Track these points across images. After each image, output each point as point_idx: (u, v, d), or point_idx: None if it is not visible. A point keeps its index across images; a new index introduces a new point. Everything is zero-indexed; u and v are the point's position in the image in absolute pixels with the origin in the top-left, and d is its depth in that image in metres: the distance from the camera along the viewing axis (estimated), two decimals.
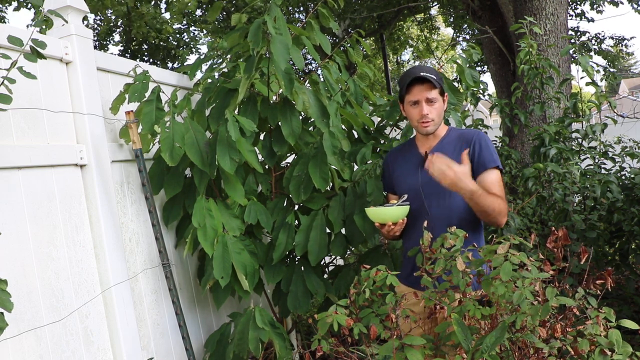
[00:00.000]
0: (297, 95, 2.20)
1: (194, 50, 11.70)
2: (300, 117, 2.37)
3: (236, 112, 2.29)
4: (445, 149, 1.91)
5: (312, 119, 2.34)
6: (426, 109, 1.88)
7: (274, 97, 2.40)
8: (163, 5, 10.71)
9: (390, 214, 1.83)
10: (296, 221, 2.37)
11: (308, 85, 2.45)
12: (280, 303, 2.46)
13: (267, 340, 2.10)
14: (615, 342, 1.24)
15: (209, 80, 2.46)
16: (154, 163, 2.27)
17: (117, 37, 12.15)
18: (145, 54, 11.60)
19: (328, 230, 2.35)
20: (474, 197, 1.76)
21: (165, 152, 2.01)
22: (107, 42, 11.93)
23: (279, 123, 2.29)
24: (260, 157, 2.39)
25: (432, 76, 1.88)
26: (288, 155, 2.56)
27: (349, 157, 2.42)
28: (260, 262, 2.34)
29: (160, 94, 2.11)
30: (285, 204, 2.46)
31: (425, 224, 1.71)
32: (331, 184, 2.40)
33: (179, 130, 2.04)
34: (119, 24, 11.67)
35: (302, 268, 2.38)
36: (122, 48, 11.87)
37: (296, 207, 2.48)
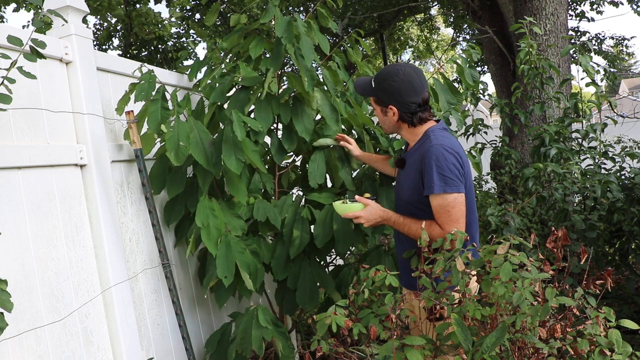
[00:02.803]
0: (313, 93, 2.24)
1: (191, 54, 11.71)
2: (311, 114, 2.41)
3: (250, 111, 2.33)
4: (413, 155, 1.88)
5: (319, 117, 2.37)
6: None
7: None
8: (161, 6, 10.75)
9: (341, 209, 1.90)
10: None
11: None
12: (285, 301, 2.46)
13: (270, 339, 2.10)
14: (615, 342, 1.24)
15: (209, 81, 2.46)
16: (155, 163, 2.27)
17: (116, 42, 12.17)
18: (144, 58, 11.61)
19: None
20: (392, 226, 1.87)
21: (171, 152, 2.01)
22: (107, 47, 11.94)
23: (290, 120, 2.31)
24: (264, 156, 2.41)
25: (359, 87, 1.97)
26: (291, 154, 2.57)
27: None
28: (265, 261, 2.34)
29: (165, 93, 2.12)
30: (294, 201, 2.46)
31: (423, 224, 1.73)
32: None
33: (183, 129, 2.04)
34: (118, 27, 11.68)
35: (309, 264, 2.39)
36: (120, 52, 11.88)
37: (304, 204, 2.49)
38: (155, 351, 2.19)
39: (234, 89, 2.42)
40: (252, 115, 2.38)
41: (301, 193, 2.54)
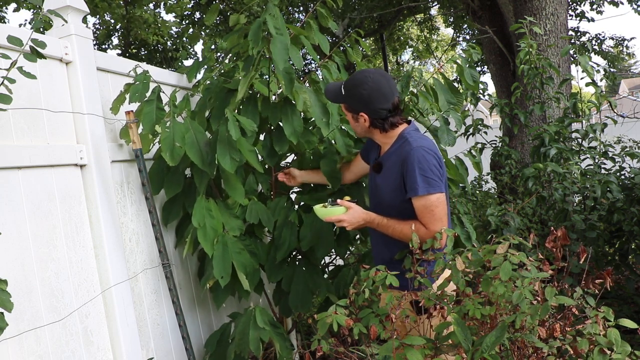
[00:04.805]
0: (298, 94, 2.21)
1: (190, 55, 11.70)
2: (301, 116, 2.37)
3: (237, 112, 2.29)
4: (390, 158, 1.89)
5: (312, 119, 2.34)
6: None
7: (274, 97, 2.41)
8: (160, 9, 10.75)
9: (322, 213, 1.88)
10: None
11: (307, 84, 2.45)
12: (281, 303, 2.46)
13: (267, 340, 2.10)
14: (614, 341, 1.24)
15: (208, 82, 2.46)
16: (154, 163, 2.28)
17: (115, 41, 12.19)
18: (143, 57, 11.62)
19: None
20: (376, 228, 1.87)
21: (166, 152, 2.02)
22: (106, 46, 11.95)
23: (280, 122, 2.29)
24: (260, 157, 2.39)
25: (330, 93, 1.97)
26: (288, 155, 2.56)
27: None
28: (261, 262, 2.34)
29: (160, 94, 2.11)
30: (286, 203, 2.46)
31: (413, 226, 1.74)
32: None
33: (179, 130, 2.04)
34: (117, 27, 11.69)
35: (303, 267, 2.39)
36: (119, 52, 11.89)
37: (297, 206, 2.48)
38: (155, 351, 2.19)
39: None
40: None
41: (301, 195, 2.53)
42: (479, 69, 10.26)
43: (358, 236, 2.57)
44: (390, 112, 1.86)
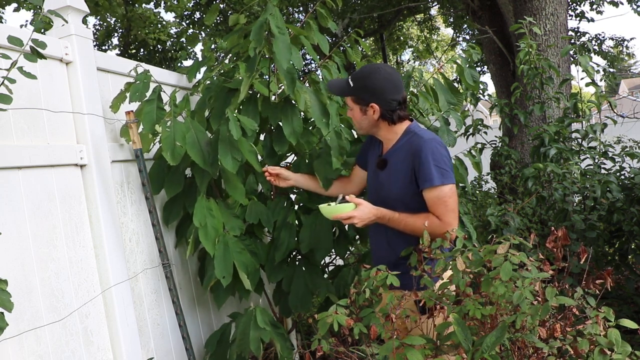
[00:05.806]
0: (299, 94, 2.21)
1: (189, 55, 11.70)
2: (301, 116, 2.37)
3: (237, 112, 2.29)
4: (397, 153, 1.89)
5: (313, 119, 2.34)
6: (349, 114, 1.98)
7: (273, 97, 2.41)
8: (161, 8, 10.74)
9: (329, 211, 1.85)
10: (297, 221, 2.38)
11: (307, 84, 2.45)
12: (281, 303, 2.47)
13: (268, 340, 2.10)
14: (614, 341, 1.24)
15: (208, 82, 2.46)
16: (154, 163, 2.28)
17: (115, 41, 12.20)
18: (142, 58, 11.63)
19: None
20: (387, 223, 1.84)
21: (167, 152, 2.01)
22: (107, 46, 11.96)
23: (280, 123, 2.29)
24: (260, 157, 2.39)
25: (335, 87, 1.96)
26: (288, 155, 2.56)
27: (348, 156, 2.42)
28: (261, 262, 2.34)
29: (161, 93, 2.11)
30: (286, 204, 2.46)
31: (426, 223, 1.74)
32: None
33: (180, 129, 2.04)
34: (117, 27, 11.70)
35: (303, 267, 2.39)
36: (119, 52, 11.90)
37: (296, 207, 2.48)
38: (155, 351, 2.19)
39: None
40: None
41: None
42: (479, 69, 10.27)
43: (358, 236, 2.56)
44: (399, 104, 1.87)
